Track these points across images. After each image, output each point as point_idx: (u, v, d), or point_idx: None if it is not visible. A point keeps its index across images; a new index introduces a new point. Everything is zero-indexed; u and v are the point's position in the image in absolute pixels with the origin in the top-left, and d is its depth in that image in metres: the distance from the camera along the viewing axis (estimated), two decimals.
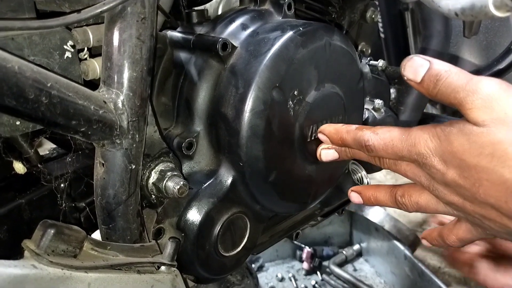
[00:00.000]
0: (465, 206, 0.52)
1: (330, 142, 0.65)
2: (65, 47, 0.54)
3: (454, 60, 1.20)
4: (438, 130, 0.51)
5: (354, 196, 0.66)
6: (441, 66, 0.51)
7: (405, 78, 0.54)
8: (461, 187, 0.51)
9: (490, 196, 0.49)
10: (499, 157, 0.47)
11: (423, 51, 1.02)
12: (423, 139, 0.52)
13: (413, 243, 1.77)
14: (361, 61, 0.86)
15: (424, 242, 0.67)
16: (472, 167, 0.49)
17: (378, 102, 0.84)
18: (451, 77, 0.50)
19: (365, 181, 0.82)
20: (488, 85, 0.48)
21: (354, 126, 0.61)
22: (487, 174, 0.48)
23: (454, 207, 0.54)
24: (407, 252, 1.71)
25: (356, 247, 1.91)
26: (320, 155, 0.67)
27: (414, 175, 0.56)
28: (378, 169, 0.94)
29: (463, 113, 0.50)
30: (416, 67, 0.52)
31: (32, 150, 0.65)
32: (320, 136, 0.66)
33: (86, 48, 0.57)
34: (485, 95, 0.48)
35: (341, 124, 0.64)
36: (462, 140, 0.49)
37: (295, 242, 0.93)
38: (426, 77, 0.52)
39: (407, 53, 1.34)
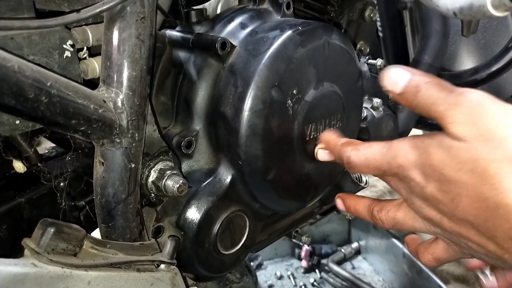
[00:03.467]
0: (442, 222, 0.51)
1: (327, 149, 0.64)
2: (64, 46, 0.54)
3: (452, 59, 1.20)
4: (418, 142, 0.50)
5: (339, 203, 0.65)
6: (422, 77, 0.50)
7: (384, 88, 0.52)
8: (440, 202, 0.49)
9: (468, 213, 0.47)
10: (479, 174, 0.45)
11: (420, 51, 1.02)
12: (403, 151, 0.51)
13: None
14: (359, 60, 0.86)
15: None
16: (452, 181, 0.47)
17: (377, 100, 0.84)
18: (431, 88, 0.48)
19: (363, 179, 0.83)
20: (471, 98, 0.46)
21: (342, 140, 0.60)
22: (466, 190, 0.46)
23: (432, 223, 0.53)
24: (406, 250, 1.72)
25: (354, 245, 1.92)
26: (317, 153, 0.67)
27: (396, 186, 0.55)
28: None
29: (443, 126, 0.48)
30: (395, 77, 0.51)
31: (32, 149, 0.65)
32: (319, 145, 0.65)
33: (85, 48, 0.57)
34: (468, 109, 0.46)
35: (335, 135, 0.62)
36: (441, 153, 0.47)
37: (294, 240, 0.93)
38: (406, 88, 0.50)
39: (405, 52, 1.34)
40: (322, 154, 0.66)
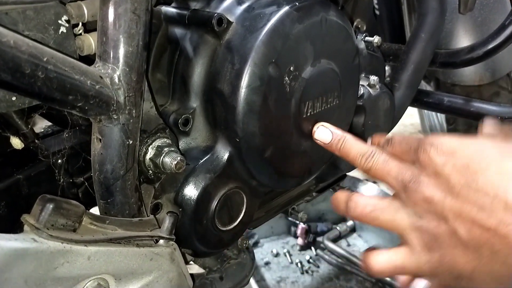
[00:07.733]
0: (444, 202, 0.49)
1: None
2: (59, 22, 0.54)
3: (449, 37, 1.20)
4: (455, 138, 0.51)
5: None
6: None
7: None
8: (456, 174, 0.48)
9: (488, 184, 0.46)
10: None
11: (417, 29, 1.01)
12: (437, 138, 0.52)
13: None
14: (356, 37, 0.86)
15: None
16: (485, 157, 0.48)
17: (374, 78, 0.84)
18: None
19: None
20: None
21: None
22: (497, 163, 0.47)
23: (427, 206, 0.51)
24: None
25: (349, 223, 1.93)
26: (315, 131, 0.67)
27: (398, 172, 0.53)
28: None
29: None
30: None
31: (29, 127, 0.65)
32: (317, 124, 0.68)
33: (80, 23, 0.57)
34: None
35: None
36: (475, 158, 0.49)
37: (290, 218, 0.94)
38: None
39: (402, 30, 1.33)
40: (320, 132, 0.66)
